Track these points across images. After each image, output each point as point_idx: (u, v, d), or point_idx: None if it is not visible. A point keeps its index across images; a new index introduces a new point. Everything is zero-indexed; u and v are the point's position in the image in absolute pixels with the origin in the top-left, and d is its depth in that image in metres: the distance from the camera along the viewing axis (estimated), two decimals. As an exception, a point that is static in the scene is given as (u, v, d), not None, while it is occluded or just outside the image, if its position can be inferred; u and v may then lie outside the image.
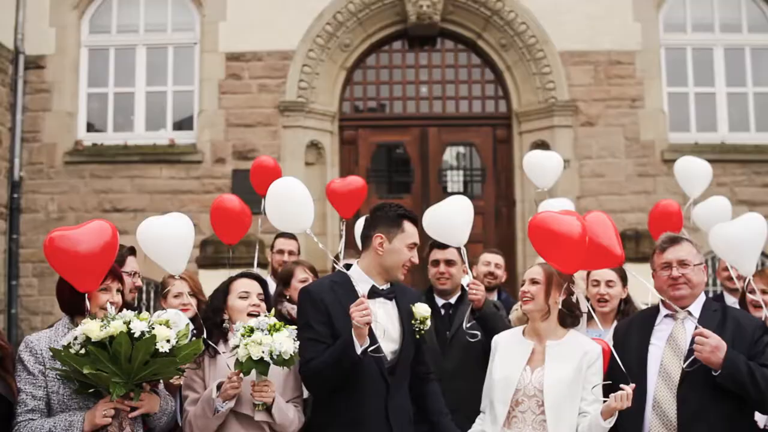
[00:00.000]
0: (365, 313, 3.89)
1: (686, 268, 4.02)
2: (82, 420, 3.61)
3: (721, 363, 3.74)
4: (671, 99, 12.20)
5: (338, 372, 3.96)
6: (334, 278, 4.28)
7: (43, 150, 11.93)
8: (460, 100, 12.56)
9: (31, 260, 11.65)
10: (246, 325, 3.88)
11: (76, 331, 3.59)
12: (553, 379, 3.97)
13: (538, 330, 4.17)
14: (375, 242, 4.14)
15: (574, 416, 3.90)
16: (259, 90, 11.92)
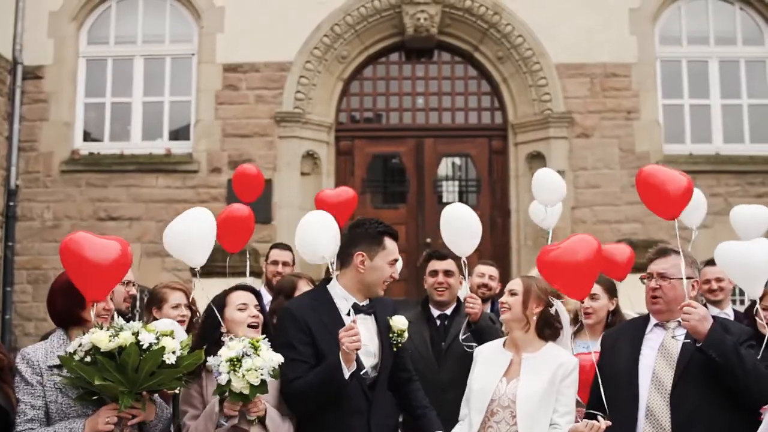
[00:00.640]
0: (355, 338, 3.88)
1: (664, 281, 4.04)
2: (82, 427, 3.62)
3: (706, 332, 3.74)
4: (666, 111, 12.25)
5: (323, 394, 3.96)
6: (314, 296, 4.26)
7: (40, 159, 11.98)
8: (457, 112, 12.61)
9: (25, 267, 11.69)
10: (227, 358, 3.79)
11: (83, 339, 3.59)
12: (526, 391, 3.99)
13: (516, 341, 4.19)
14: (356, 260, 4.10)
15: (546, 428, 3.91)
16: (255, 101, 11.97)
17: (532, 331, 4.17)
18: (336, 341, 3.93)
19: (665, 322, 4.07)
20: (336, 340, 3.93)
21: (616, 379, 4.07)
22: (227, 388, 3.80)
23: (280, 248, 7.02)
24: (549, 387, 3.97)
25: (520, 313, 4.17)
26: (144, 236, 11.62)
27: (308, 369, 3.99)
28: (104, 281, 3.81)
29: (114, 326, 3.65)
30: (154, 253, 11.61)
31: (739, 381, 3.77)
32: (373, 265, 4.12)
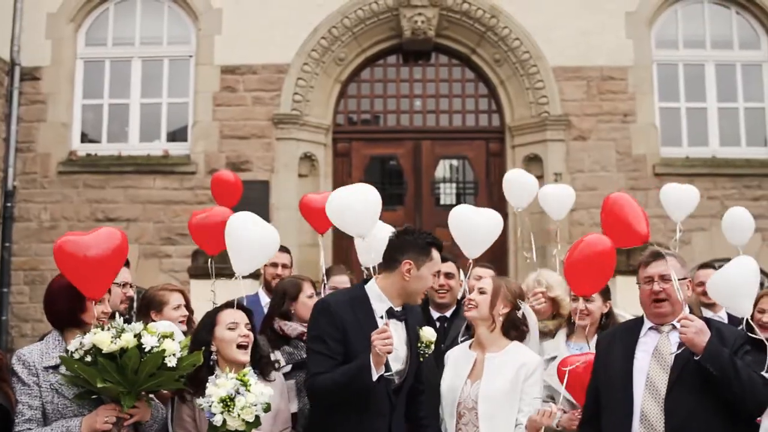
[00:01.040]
0: (388, 342, 3.90)
1: (668, 283, 4.04)
2: (79, 425, 3.65)
3: (704, 346, 3.75)
4: (663, 114, 12.28)
5: (347, 392, 3.97)
6: (352, 294, 4.27)
7: (37, 160, 11.97)
8: (454, 114, 12.63)
9: (22, 268, 11.69)
10: (218, 398, 3.75)
11: (84, 339, 3.61)
12: (488, 391, 4.03)
13: (481, 340, 4.23)
14: (403, 267, 4.12)
15: (509, 428, 3.93)
16: (253, 102, 11.98)
17: (497, 331, 4.22)
18: (368, 342, 3.96)
19: (660, 325, 4.08)
20: (368, 341, 3.96)
21: (610, 383, 4.07)
22: (223, 428, 3.77)
23: (279, 250, 6.99)
24: (512, 387, 4.00)
25: (487, 312, 4.22)
26: (141, 237, 11.62)
27: (334, 365, 4.00)
28: (101, 276, 3.82)
29: (115, 327, 3.66)
30: (151, 254, 11.62)
31: (735, 393, 3.79)
32: (419, 274, 4.14)
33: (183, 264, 10.86)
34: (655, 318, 4.09)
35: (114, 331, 3.63)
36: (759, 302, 5.24)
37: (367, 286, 4.25)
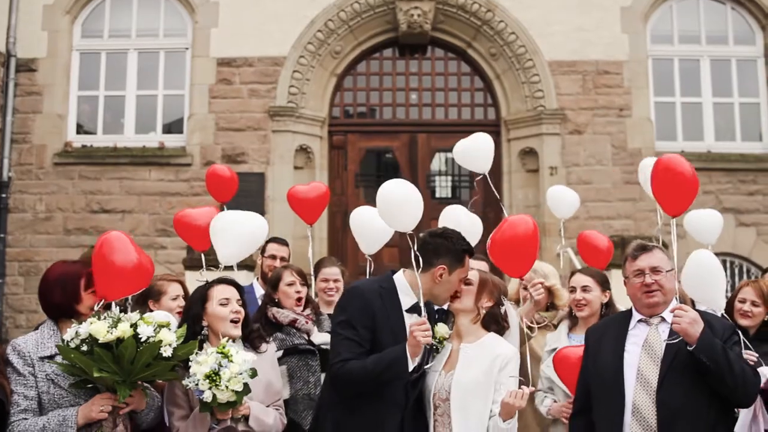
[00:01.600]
0: (428, 333, 3.93)
1: (659, 275, 4.05)
2: (75, 414, 3.66)
3: (697, 336, 3.76)
4: (658, 108, 12.33)
5: (378, 381, 3.97)
6: (382, 284, 4.25)
7: (33, 151, 11.98)
8: (450, 107, 12.65)
9: (17, 259, 11.69)
10: (203, 375, 3.77)
11: (80, 329, 3.61)
12: (461, 381, 4.02)
13: (460, 330, 4.24)
14: (437, 271, 4.13)
15: (483, 419, 3.92)
16: (249, 95, 11.99)
17: (478, 323, 4.23)
18: (392, 334, 4.00)
19: (649, 317, 4.10)
20: (392, 332, 4.00)
21: (601, 376, 4.08)
22: (214, 402, 3.80)
23: (278, 243, 6.98)
24: (485, 378, 3.99)
25: (472, 304, 4.23)
26: (137, 228, 11.63)
27: (362, 353, 4.00)
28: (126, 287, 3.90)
29: (112, 317, 3.66)
30: (147, 245, 11.59)
31: (728, 384, 3.80)
32: (449, 279, 4.16)
33: (178, 255, 10.88)
34: (646, 309, 4.10)
35: (110, 320, 3.63)
36: (740, 292, 5.26)
37: (396, 278, 4.26)
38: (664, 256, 4.10)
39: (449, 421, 4.01)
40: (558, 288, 5.71)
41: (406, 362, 3.91)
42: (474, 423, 3.96)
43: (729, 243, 11.59)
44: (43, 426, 3.65)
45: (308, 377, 5.19)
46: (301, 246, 11.21)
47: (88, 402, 3.69)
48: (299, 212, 6.56)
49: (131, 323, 3.64)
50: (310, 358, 5.22)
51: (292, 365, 5.13)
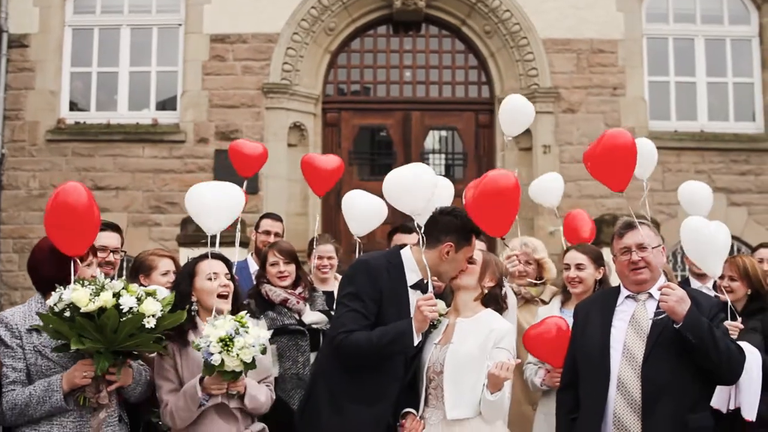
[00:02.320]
0: (435, 309, 3.99)
1: (645, 252, 4.08)
2: (60, 379, 3.68)
3: (684, 315, 3.79)
4: (652, 88, 12.33)
5: (382, 354, 4.02)
6: (389, 259, 4.27)
7: (26, 128, 11.93)
8: (444, 85, 12.63)
9: (11, 236, 11.69)
10: (217, 338, 3.80)
11: (64, 294, 3.60)
12: (455, 355, 4.06)
13: (458, 306, 4.28)
14: (443, 248, 4.15)
15: (476, 392, 3.95)
16: (243, 72, 11.95)
17: (478, 301, 4.26)
18: (397, 309, 4.05)
19: (636, 294, 4.13)
20: (396, 307, 4.05)
21: (588, 351, 4.12)
22: (221, 367, 3.82)
23: (272, 218, 7.00)
24: (480, 352, 4.02)
25: (475, 282, 4.27)
26: (131, 206, 11.63)
27: (367, 326, 4.04)
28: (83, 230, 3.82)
29: (95, 284, 3.65)
30: (140, 222, 11.63)
31: (713, 362, 3.84)
32: (455, 257, 4.19)
33: (172, 232, 10.89)
34: (634, 286, 4.13)
35: (93, 288, 3.62)
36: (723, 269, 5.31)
37: (403, 254, 4.28)
38: (651, 233, 4.14)
39: (442, 394, 4.05)
40: (546, 261, 5.78)
41: (412, 337, 3.97)
42: (467, 396, 4.00)
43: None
44: (30, 393, 3.68)
45: (297, 357, 5.24)
46: (295, 223, 11.27)
47: (71, 368, 3.71)
48: (312, 181, 6.47)
49: (114, 292, 3.62)
50: (300, 338, 5.27)
51: (282, 345, 5.18)
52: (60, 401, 3.65)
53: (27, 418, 3.70)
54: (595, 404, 3.98)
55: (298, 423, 4.31)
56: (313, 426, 4.15)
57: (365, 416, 4.07)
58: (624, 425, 3.90)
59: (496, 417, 4.01)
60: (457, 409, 4.01)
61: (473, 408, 3.99)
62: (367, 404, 4.08)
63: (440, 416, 4.05)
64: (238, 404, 4.09)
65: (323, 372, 4.30)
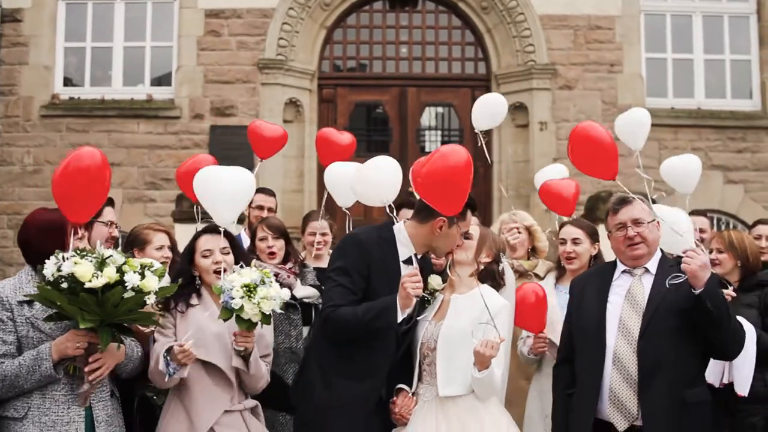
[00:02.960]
0: (419, 285, 3.93)
1: (640, 227, 4.06)
2: (49, 347, 3.66)
3: (705, 281, 3.75)
4: (649, 64, 12.28)
5: (367, 329, 3.99)
6: (381, 233, 4.24)
7: (20, 103, 11.87)
8: (440, 61, 12.57)
9: (6, 212, 11.66)
10: (241, 284, 3.82)
11: (64, 266, 3.54)
12: (449, 331, 4.05)
13: (454, 282, 4.25)
14: (436, 223, 4.11)
15: (469, 370, 3.93)
16: (238, 47, 11.88)
17: (474, 277, 4.24)
18: (388, 284, 4.01)
19: (633, 268, 4.12)
20: (388, 282, 4.02)
21: (583, 326, 4.13)
22: (240, 312, 3.83)
23: (265, 193, 6.97)
24: (473, 328, 3.99)
25: (471, 258, 4.24)
26: (126, 182, 11.59)
27: (355, 301, 4.03)
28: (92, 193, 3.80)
29: (96, 256, 3.61)
30: (136, 198, 11.61)
31: (722, 333, 3.83)
32: (449, 232, 4.15)
33: (167, 208, 10.87)
34: (630, 261, 4.12)
35: (93, 261, 3.58)
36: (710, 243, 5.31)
37: (396, 229, 4.24)
38: (646, 208, 4.12)
39: (436, 371, 4.04)
40: (536, 228, 5.79)
41: (395, 313, 3.92)
42: (460, 373, 3.99)
43: (717, 200, 11.66)
44: (19, 364, 3.66)
45: (290, 331, 5.26)
46: (290, 199, 11.27)
47: (62, 337, 3.67)
48: (322, 151, 6.42)
49: (117, 266, 3.59)
50: (292, 312, 5.29)
51: (274, 319, 5.16)
52: (49, 369, 3.64)
53: (18, 389, 3.68)
54: (592, 379, 3.99)
55: (292, 397, 4.33)
56: (307, 400, 4.16)
57: (354, 392, 4.06)
58: (620, 400, 3.90)
59: (487, 394, 4.00)
60: (449, 386, 4.00)
61: (466, 385, 3.99)
62: (357, 380, 4.08)
63: (434, 393, 4.04)
64: (242, 365, 4.10)
65: (315, 346, 4.31)
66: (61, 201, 3.77)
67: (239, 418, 4.15)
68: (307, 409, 4.18)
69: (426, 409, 4.04)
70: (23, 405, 3.71)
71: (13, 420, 3.70)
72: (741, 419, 4.62)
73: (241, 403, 4.18)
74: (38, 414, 3.69)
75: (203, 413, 4.03)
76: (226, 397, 4.11)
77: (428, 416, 4.01)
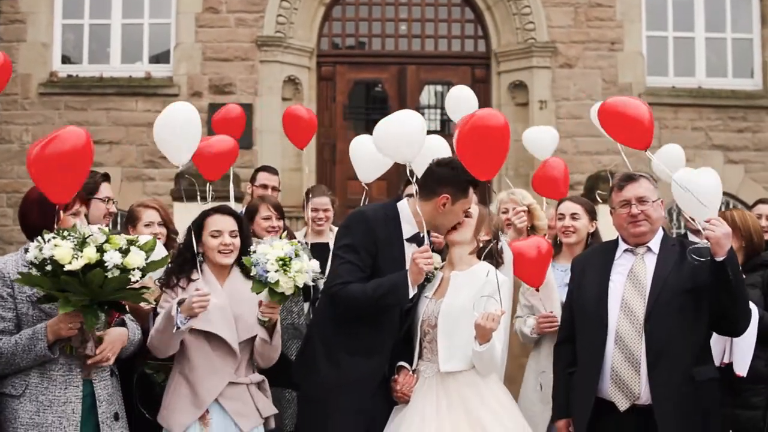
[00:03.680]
0: (431, 261, 3.96)
1: (645, 205, 4.03)
2: (44, 327, 3.65)
3: (727, 250, 3.73)
4: (650, 43, 12.23)
5: (377, 305, 4.02)
6: (386, 210, 4.26)
7: (18, 81, 11.78)
8: (439, 39, 12.51)
9: (5, 191, 11.65)
10: (276, 257, 3.83)
11: (45, 248, 3.50)
12: (449, 308, 4.06)
13: (453, 260, 4.26)
14: (440, 200, 4.11)
15: (470, 345, 3.94)
16: (236, 24, 11.82)
17: (473, 255, 4.25)
18: (393, 262, 4.05)
19: (635, 247, 4.11)
20: (392, 260, 4.05)
21: (584, 304, 4.11)
22: (275, 286, 3.83)
23: (268, 171, 6.92)
24: (474, 301, 3.99)
25: (470, 236, 4.24)
26: (124, 160, 11.58)
27: (362, 278, 4.04)
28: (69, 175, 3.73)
29: (75, 236, 3.55)
30: (134, 177, 11.59)
31: (737, 306, 3.83)
32: (452, 209, 4.14)
33: (166, 187, 10.86)
34: (632, 238, 4.10)
35: (74, 241, 3.52)
36: None
37: (400, 206, 4.26)
38: (651, 186, 4.09)
39: (437, 347, 4.05)
40: (535, 207, 5.79)
41: (407, 289, 3.96)
42: (461, 349, 4.00)
43: (717, 179, 11.62)
44: (16, 342, 3.64)
45: (291, 307, 5.28)
46: (290, 178, 11.23)
47: (55, 318, 3.64)
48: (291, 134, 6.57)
49: (97, 246, 3.53)
50: (294, 289, 5.29)
51: None
52: (44, 350, 3.62)
53: (15, 367, 3.67)
54: (593, 358, 3.98)
55: (295, 373, 4.33)
56: (311, 378, 4.18)
57: (363, 369, 4.09)
58: (622, 380, 3.89)
59: (488, 369, 4.01)
60: (450, 361, 4.02)
61: (467, 361, 4.00)
62: (364, 357, 4.10)
63: (434, 369, 4.06)
64: (265, 336, 4.13)
65: (318, 324, 4.33)
66: (39, 183, 3.75)
67: (246, 391, 4.15)
68: (311, 386, 4.19)
69: (426, 386, 4.06)
70: (21, 383, 3.70)
71: (10, 397, 3.70)
72: (744, 399, 4.63)
73: (247, 377, 4.19)
74: (36, 393, 3.69)
75: (207, 384, 4.04)
76: (229, 368, 4.11)
77: (429, 392, 4.03)
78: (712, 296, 3.82)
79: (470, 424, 3.91)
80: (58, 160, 3.69)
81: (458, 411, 3.94)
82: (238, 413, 4.08)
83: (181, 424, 4.01)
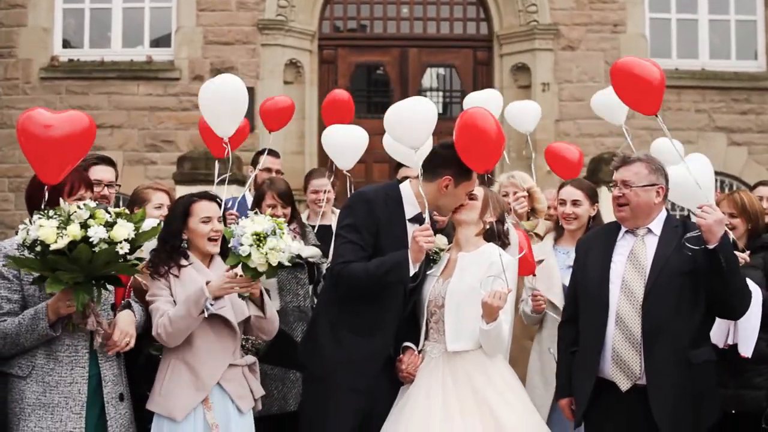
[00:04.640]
0: (431, 239, 3.98)
1: (627, 189, 4.03)
2: (45, 307, 3.65)
3: (720, 236, 3.74)
4: (653, 24, 12.19)
5: (379, 284, 4.04)
6: (388, 191, 4.27)
7: (19, 65, 11.82)
8: (441, 22, 12.47)
9: (7, 175, 11.65)
10: (252, 231, 3.77)
11: (31, 229, 3.49)
12: (456, 288, 4.09)
13: (460, 241, 4.28)
14: (442, 182, 4.12)
15: (476, 325, 3.97)
16: (237, 7, 11.79)
17: (479, 236, 4.27)
18: (395, 242, 4.06)
19: (635, 228, 4.11)
20: (394, 240, 4.07)
21: (587, 284, 4.13)
22: (246, 260, 3.78)
23: (273, 155, 6.95)
24: (481, 280, 4.01)
25: (476, 217, 4.26)
26: (126, 144, 11.57)
27: (364, 258, 4.06)
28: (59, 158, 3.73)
29: (60, 214, 3.53)
30: (136, 161, 11.59)
31: (729, 290, 3.84)
32: (455, 191, 4.16)
33: (168, 171, 10.85)
34: (619, 221, 4.14)
35: (59, 220, 3.49)
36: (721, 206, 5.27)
37: (402, 187, 4.27)
38: (644, 171, 4.04)
39: (444, 328, 4.08)
40: (536, 190, 5.80)
41: (408, 267, 3.98)
42: (468, 329, 4.02)
43: (720, 162, 11.60)
44: (19, 322, 3.65)
45: (297, 290, 5.30)
46: (292, 161, 11.22)
47: (54, 297, 3.64)
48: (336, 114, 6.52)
49: (81, 222, 3.50)
50: (299, 272, 5.31)
51: (282, 278, 5.21)
52: (46, 329, 3.63)
53: (20, 347, 3.69)
54: (594, 339, 4.00)
55: (301, 354, 4.36)
56: (317, 358, 4.20)
57: (365, 348, 4.11)
58: (623, 360, 3.91)
59: (495, 349, 4.05)
60: (457, 341, 4.05)
61: (474, 340, 4.03)
62: (367, 335, 4.12)
63: (441, 349, 4.09)
64: (257, 312, 4.11)
65: (323, 303, 4.37)
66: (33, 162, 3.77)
67: (241, 373, 4.16)
68: (317, 366, 4.21)
69: (433, 365, 4.09)
70: (27, 364, 3.72)
71: (17, 378, 3.72)
72: (747, 379, 4.64)
73: (243, 359, 4.20)
74: (42, 374, 3.71)
75: (209, 367, 4.03)
76: (229, 351, 4.11)
77: (435, 371, 4.06)
78: (706, 281, 3.84)
79: (477, 403, 3.94)
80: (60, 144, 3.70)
81: (464, 388, 3.98)
82: (238, 395, 4.09)
83: (183, 408, 3.96)
